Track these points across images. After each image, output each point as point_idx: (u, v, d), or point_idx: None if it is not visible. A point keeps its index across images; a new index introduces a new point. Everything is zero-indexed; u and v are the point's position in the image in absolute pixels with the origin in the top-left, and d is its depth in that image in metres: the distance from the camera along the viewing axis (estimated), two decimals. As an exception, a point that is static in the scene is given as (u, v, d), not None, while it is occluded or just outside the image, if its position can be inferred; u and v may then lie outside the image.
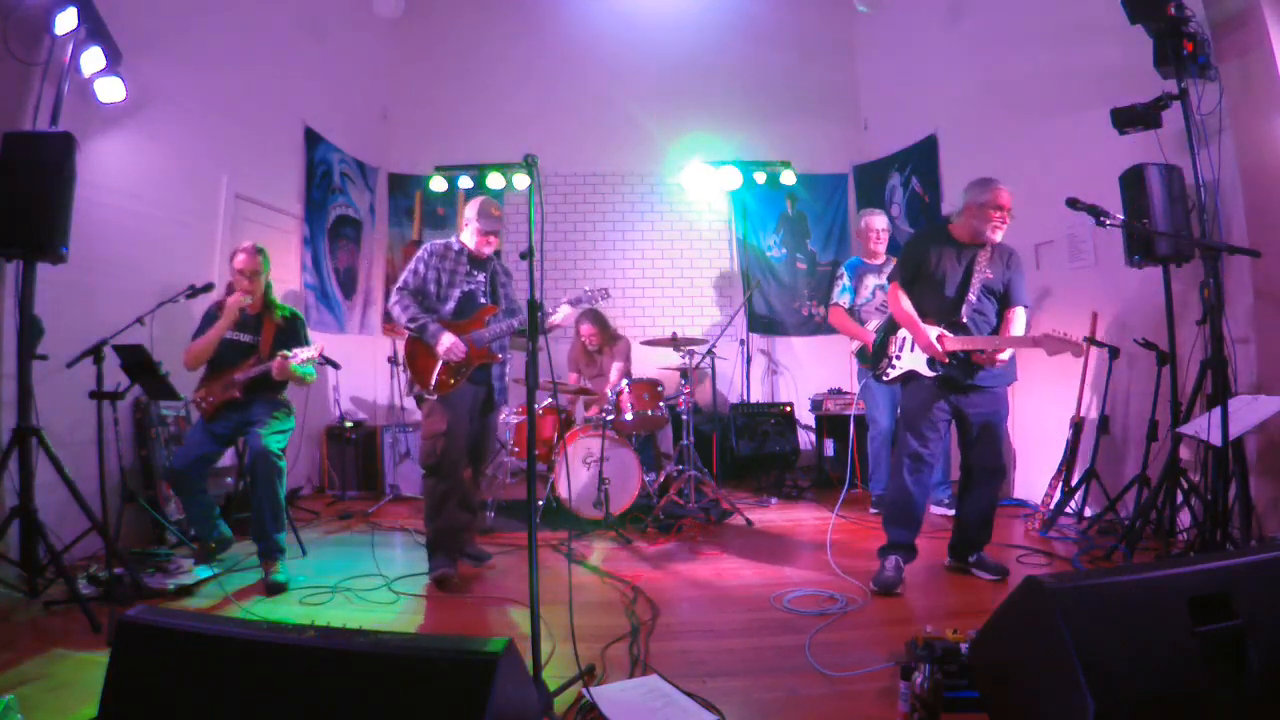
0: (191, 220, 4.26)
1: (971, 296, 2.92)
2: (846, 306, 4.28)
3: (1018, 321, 2.96)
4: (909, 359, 3.02)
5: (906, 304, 3.03)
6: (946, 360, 2.88)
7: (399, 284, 3.23)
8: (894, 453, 3.07)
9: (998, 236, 2.93)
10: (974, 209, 2.94)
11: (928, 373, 2.94)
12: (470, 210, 3.26)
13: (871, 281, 4.29)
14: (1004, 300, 2.99)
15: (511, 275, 3.51)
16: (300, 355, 3.17)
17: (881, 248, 4.38)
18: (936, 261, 2.99)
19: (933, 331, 2.89)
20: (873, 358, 3.22)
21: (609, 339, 5.11)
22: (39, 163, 2.76)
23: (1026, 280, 3.06)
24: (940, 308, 2.96)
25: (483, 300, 3.28)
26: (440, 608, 2.84)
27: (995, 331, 2.95)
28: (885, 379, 3.12)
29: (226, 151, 4.49)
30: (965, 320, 2.91)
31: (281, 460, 3.14)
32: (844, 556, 3.35)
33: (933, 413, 2.95)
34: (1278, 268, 3.05)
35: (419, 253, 3.26)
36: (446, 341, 3.07)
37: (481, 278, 3.30)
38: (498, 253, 3.39)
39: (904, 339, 3.05)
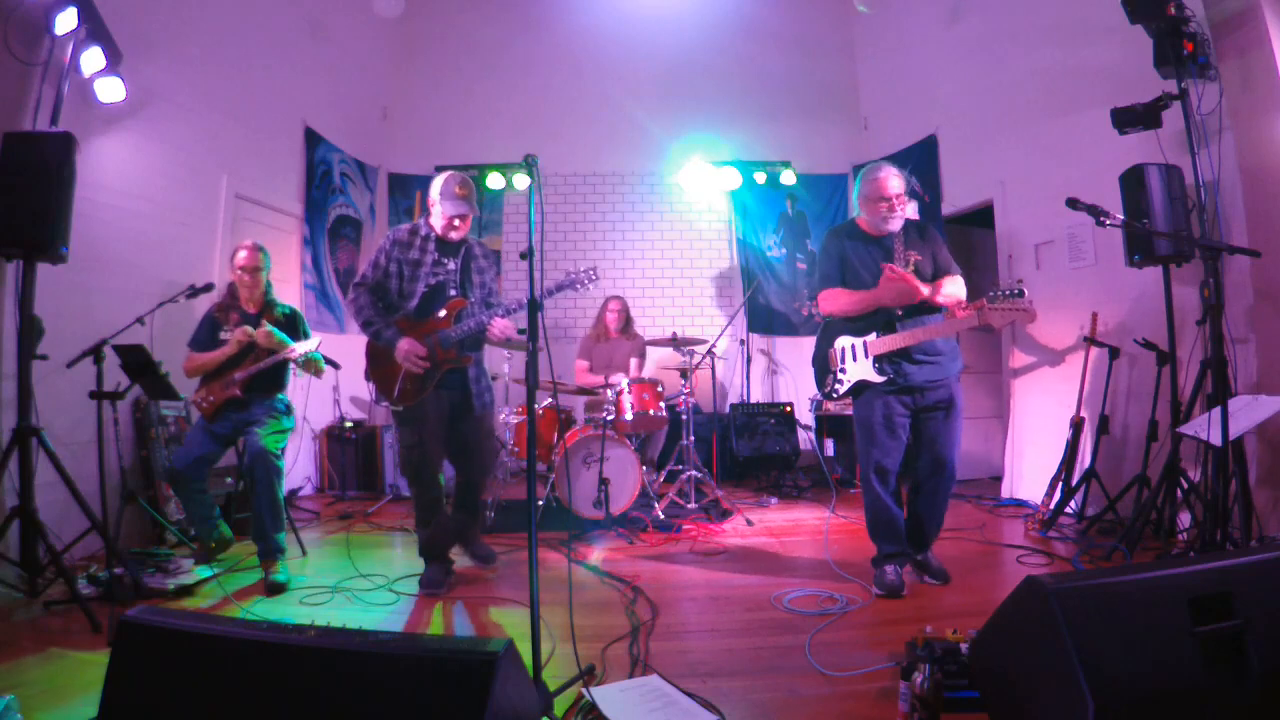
0: (191, 220, 4.25)
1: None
2: None
3: (950, 285, 2.83)
4: (855, 369, 2.89)
5: (843, 293, 2.90)
6: (925, 291, 2.75)
7: (356, 278, 2.91)
8: (858, 466, 3.01)
9: (895, 225, 2.88)
10: (864, 203, 2.91)
11: (877, 379, 2.84)
12: (434, 190, 2.87)
13: None
14: (935, 277, 2.92)
15: (492, 258, 3.12)
16: (298, 349, 3.19)
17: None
18: (854, 259, 2.92)
19: (870, 336, 2.84)
20: (817, 376, 3.07)
21: (629, 325, 5.12)
22: (39, 163, 2.76)
23: (946, 249, 2.98)
24: None
25: (453, 293, 2.92)
26: (440, 608, 2.84)
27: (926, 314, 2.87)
28: (835, 395, 2.96)
29: (226, 151, 4.49)
30: (900, 311, 2.83)
31: (280, 460, 3.14)
32: (844, 556, 3.35)
33: (892, 419, 2.86)
34: (1278, 268, 3.06)
35: (381, 241, 2.94)
36: (403, 348, 2.78)
37: (452, 265, 2.92)
38: (484, 246, 3.12)
39: (843, 350, 2.92)
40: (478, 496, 3.24)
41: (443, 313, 2.90)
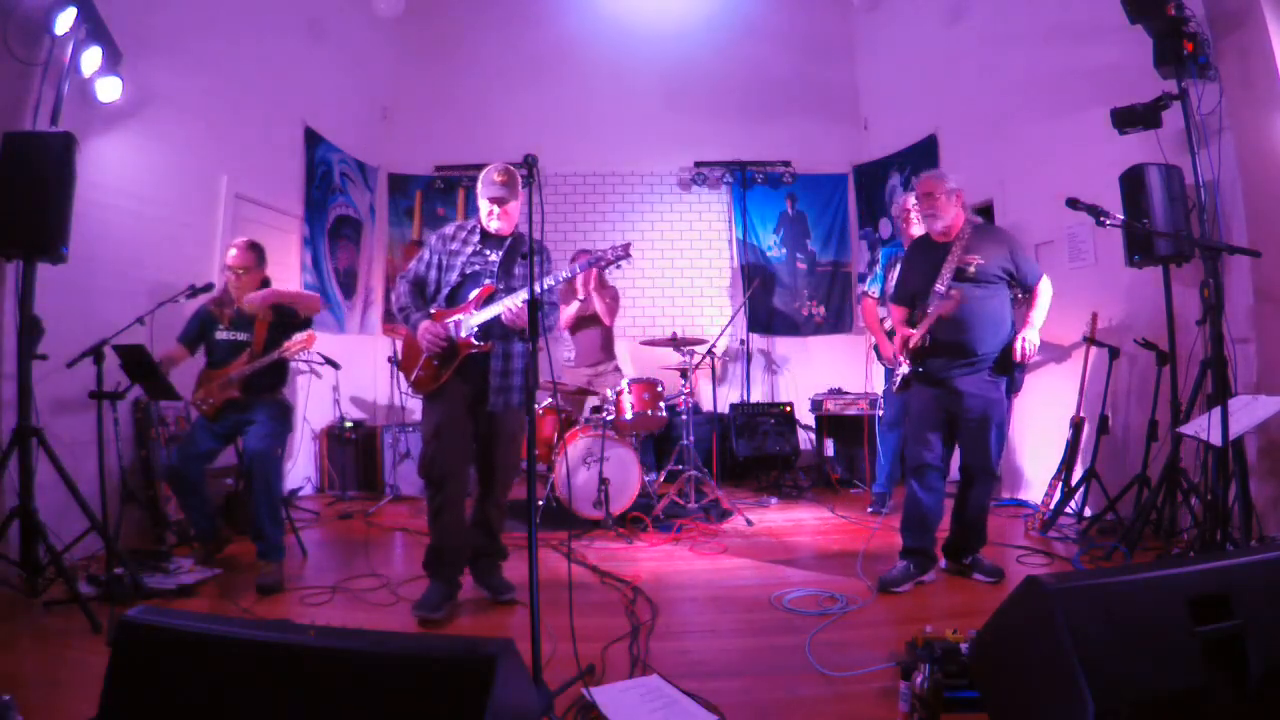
0: (191, 220, 4.25)
1: (939, 286, 2.90)
2: (875, 296, 4.19)
3: (1043, 297, 2.99)
4: (903, 364, 3.05)
5: (888, 318, 3.17)
6: (900, 359, 3.03)
7: (403, 271, 2.97)
8: (903, 460, 3.12)
9: (916, 231, 3.22)
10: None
11: (905, 371, 3.02)
12: (479, 182, 2.88)
13: None
14: (1023, 286, 3.01)
15: (546, 253, 2.84)
16: (294, 347, 3.18)
17: (918, 230, 4.01)
18: (918, 267, 3.05)
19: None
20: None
21: (602, 283, 4.86)
22: (39, 163, 2.76)
23: (1027, 253, 3.09)
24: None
25: (486, 280, 2.81)
26: (440, 608, 2.84)
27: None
28: (895, 389, 3.14)
29: (226, 151, 4.49)
30: (930, 309, 2.88)
31: (279, 461, 3.14)
32: (843, 556, 3.36)
33: (933, 417, 2.95)
34: (1278, 268, 3.06)
35: (430, 237, 2.97)
36: (422, 328, 2.74)
37: (494, 257, 2.83)
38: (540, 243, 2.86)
39: None
40: (491, 512, 2.94)
41: (470, 298, 2.81)
